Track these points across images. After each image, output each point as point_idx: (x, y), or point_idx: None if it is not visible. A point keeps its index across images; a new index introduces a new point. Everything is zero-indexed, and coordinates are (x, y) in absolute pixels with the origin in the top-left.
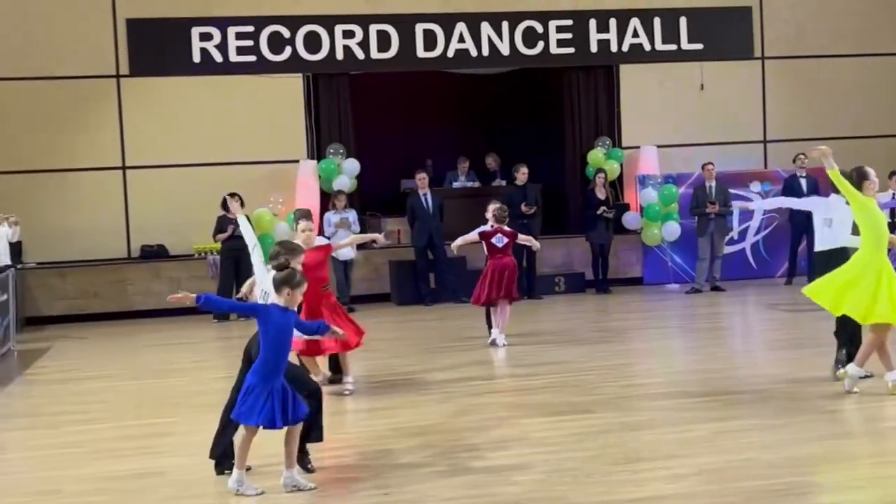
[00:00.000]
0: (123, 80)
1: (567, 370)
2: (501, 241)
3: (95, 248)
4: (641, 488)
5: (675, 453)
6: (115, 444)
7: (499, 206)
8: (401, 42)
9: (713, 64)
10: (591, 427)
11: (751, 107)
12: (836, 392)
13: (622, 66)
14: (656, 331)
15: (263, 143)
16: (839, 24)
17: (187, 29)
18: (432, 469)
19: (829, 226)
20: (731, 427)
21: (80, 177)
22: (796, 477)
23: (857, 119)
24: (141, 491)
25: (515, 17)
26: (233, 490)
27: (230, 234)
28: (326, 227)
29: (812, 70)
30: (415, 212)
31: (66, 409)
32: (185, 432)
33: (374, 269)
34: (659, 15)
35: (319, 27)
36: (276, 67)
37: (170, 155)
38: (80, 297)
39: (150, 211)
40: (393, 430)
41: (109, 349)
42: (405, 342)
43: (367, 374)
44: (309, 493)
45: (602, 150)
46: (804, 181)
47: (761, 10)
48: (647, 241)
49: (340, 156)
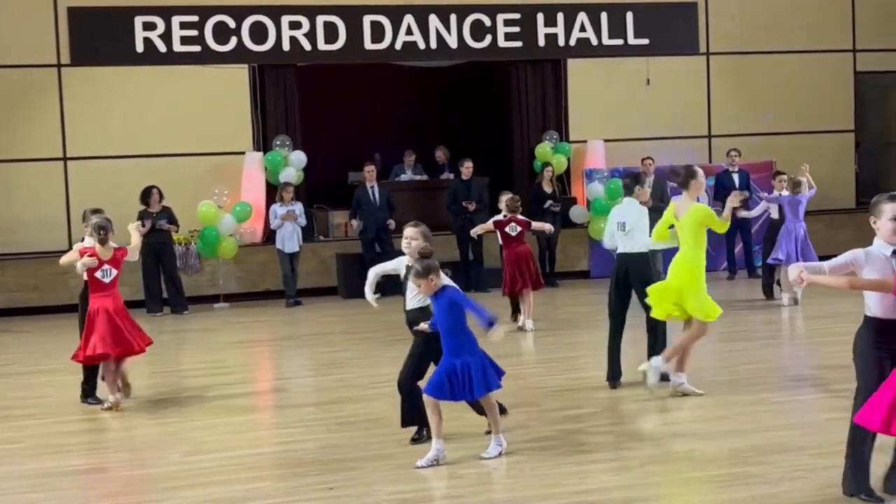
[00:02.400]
0: (65, 69)
1: (514, 363)
2: (515, 229)
3: (36, 240)
4: (585, 481)
5: (619, 446)
6: (57, 439)
7: (511, 197)
8: (348, 34)
9: (659, 59)
10: (536, 419)
11: (695, 102)
12: (777, 384)
13: (570, 61)
14: (602, 324)
15: (209, 135)
16: (784, 20)
17: (130, 18)
18: (377, 463)
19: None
20: (675, 419)
21: (20, 168)
22: (738, 468)
23: (801, 115)
24: (83, 488)
25: (463, 10)
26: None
27: (150, 228)
28: (273, 219)
29: (756, 66)
30: (361, 204)
31: (6, 405)
32: (127, 427)
33: (322, 262)
34: (606, 10)
35: (265, 17)
36: (221, 58)
37: (112, 146)
38: (20, 291)
39: (91, 203)
40: (338, 423)
41: (51, 343)
42: (352, 335)
43: (313, 367)
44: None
45: (549, 145)
46: (736, 176)
47: (706, 6)
48: (593, 235)
49: (287, 148)
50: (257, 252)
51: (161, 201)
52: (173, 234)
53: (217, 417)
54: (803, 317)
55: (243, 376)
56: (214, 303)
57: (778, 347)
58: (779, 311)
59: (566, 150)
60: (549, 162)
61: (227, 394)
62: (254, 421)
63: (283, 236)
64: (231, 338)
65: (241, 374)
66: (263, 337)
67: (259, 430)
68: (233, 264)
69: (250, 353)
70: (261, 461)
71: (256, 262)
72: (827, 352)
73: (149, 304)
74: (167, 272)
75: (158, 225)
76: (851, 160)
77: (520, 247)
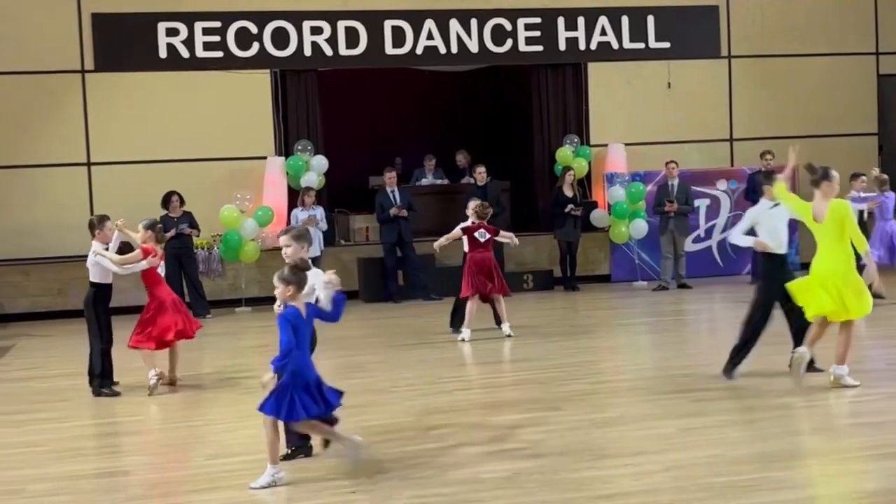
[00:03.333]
0: (88, 75)
1: (535, 367)
2: (484, 235)
3: (60, 244)
4: (608, 485)
5: (642, 450)
6: (79, 443)
7: (479, 203)
8: (369, 38)
9: (680, 62)
10: (559, 424)
11: (717, 105)
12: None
13: (590, 65)
14: (624, 328)
15: (231, 140)
16: (806, 23)
17: (153, 24)
18: (399, 467)
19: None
20: (698, 423)
21: (45, 173)
22: (763, 473)
23: (823, 118)
24: (105, 491)
25: (484, 15)
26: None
27: (173, 233)
28: (294, 223)
29: (778, 69)
30: (384, 209)
31: (28, 408)
32: (150, 431)
33: (343, 267)
34: (627, 13)
35: (287, 23)
36: (243, 63)
37: (135, 151)
38: (43, 295)
39: (115, 207)
40: (360, 428)
41: (73, 347)
42: (373, 339)
43: (334, 371)
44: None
45: (570, 148)
46: None
47: (728, 9)
48: (614, 239)
49: (308, 152)
50: (279, 256)
51: (182, 206)
52: (195, 238)
53: (239, 421)
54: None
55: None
56: (236, 307)
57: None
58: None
59: (587, 154)
60: (570, 166)
61: (249, 398)
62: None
63: None
64: (253, 342)
65: (261, 378)
66: None
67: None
68: (255, 268)
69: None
70: (282, 464)
71: (278, 266)
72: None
73: None
74: (189, 276)
75: (180, 229)
76: (874, 163)
77: (486, 252)
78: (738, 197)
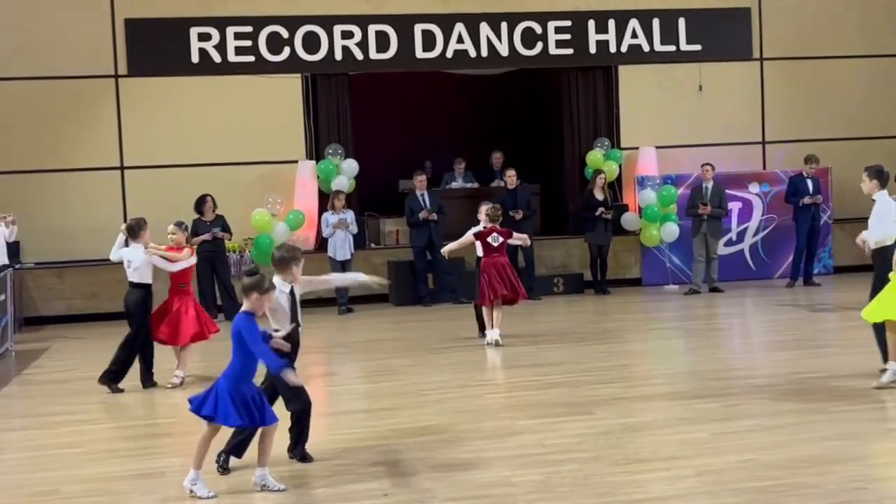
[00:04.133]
0: (122, 80)
1: (566, 371)
2: (497, 239)
3: (93, 248)
4: (641, 489)
5: (674, 454)
6: (114, 444)
7: (492, 206)
8: (400, 42)
9: (712, 65)
10: (591, 428)
11: (749, 108)
12: (835, 393)
13: (621, 67)
14: (655, 332)
15: (262, 144)
16: (838, 24)
17: (186, 29)
18: (431, 470)
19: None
20: (731, 428)
21: (78, 177)
22: (797, 478)
23: (856, 120)
24: (140, 492)
25: (514, 18)
26: (186, 489)
27: (208, 237)
28: (325, 227)
29: (811, 71)
30: (413, 212)
31: (63, 410)
32: (184, 433)
33: (373, 270)
34: (657, 16)
35: (318, 27)
36: (274, 68)
37: (168, 155)
38: (78, 298)
39: (147, 211)
40: (392, 430)
41: (107, 349)
42: (403, 342)
43: (365, 374)
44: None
45: (601, 151)
46: (809, 182)
47: (760, 10)
48: (645, 242)
49: (339, 156)
50: (309, 260)
51: (215, 210)
52: (226, 241)
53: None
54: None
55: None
56: None
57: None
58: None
59: (618, 157)
60: (601, 169)
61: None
62: None
63: (335, 244)
64: None
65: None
66: (315, 344)
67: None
68: None
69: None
70: (313, 467)
71: (308, 269)
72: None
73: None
74: (221, 280)
75: (212, 233)
76: None
77: (500, 257)
78: (771, 200)
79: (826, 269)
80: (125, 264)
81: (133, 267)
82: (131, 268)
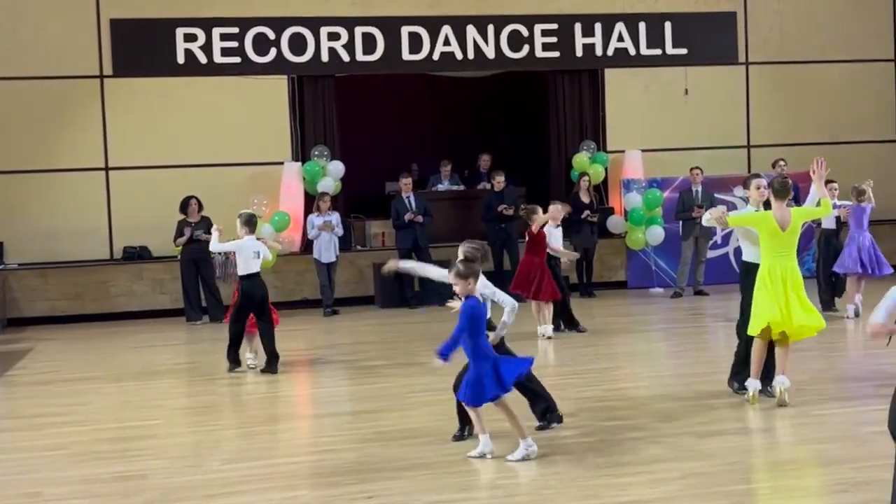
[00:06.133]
0: (107, 80)
1: (551, 374)
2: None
3: (78, 249)
4: (625, 492)
5: (658, 457)
6: (97, 446)
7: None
8: (386, 44)
9: (697, 69)
10: (575, 431)
11: (734, 112)
12: (819, 396)
13: (607, 71)
14: (640, 334)
15: (248, 145)
16: (823, 29)
17: (172, 29)
18: (416, 473)
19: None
20: (715, 431)
21: (63, 177)
22: (780, 481)
23: (841, 124)
24: (123, 494)
25: (501, 21)
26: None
27: (189, 237)
28: (310, 229)
29: (796, 75)
30: (399, 214)
31: (47, 412)
32: (167, 435)
33: (358, 272)
34: (644, 20)
35: (305, 29)
36: (260, 69)
37: (153, 156)
38: (62, 299)
39: (132, 212)
40: (377, 433)
41: (91, 351)
42: (389, 345)
43: (350, 376)
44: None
45: (587, 154)
46: None
47: (745, 15)
48: (631, 245)
49: (325, 158)
50: (295, 261)
51: (200, 211)
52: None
53: (254, 426)
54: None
55: (280, 385)
56: None
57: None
58: (840, 323)
59: (604, 160)
60: (586, 171)
61: (264, 402)
62: (291, 430)
63: (320, 246)
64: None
65: (278, 383)
66: (300, 346)
67: (296, 439)
68: (270, 274)
69: (287, 362)
70: (298, 470)
71: (294, 271)
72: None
73: (188, 313)
74: (206, 281)
75: (197, 235)
76: (894, 170)
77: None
78: None
79: (809, 272)
80: (251, 255)
81: (262, 256)
82: (259, 257)
